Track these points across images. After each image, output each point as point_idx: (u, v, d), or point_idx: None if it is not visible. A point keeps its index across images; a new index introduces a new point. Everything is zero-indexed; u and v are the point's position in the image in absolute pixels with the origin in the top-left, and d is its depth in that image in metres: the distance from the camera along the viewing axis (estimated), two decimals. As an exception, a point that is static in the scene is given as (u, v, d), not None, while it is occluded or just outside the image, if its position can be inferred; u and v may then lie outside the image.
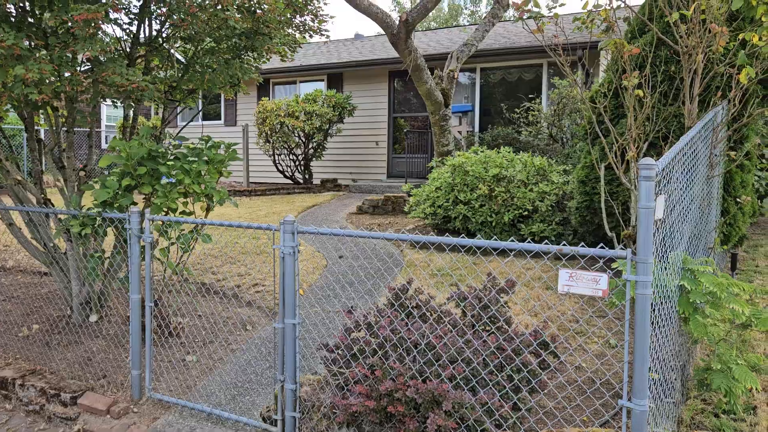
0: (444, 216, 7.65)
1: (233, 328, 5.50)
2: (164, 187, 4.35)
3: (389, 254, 7.53)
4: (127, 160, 4.37)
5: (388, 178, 14.62)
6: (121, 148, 4.35)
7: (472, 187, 7.32)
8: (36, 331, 5.44)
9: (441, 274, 6.51)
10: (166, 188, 4.35)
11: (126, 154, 4.35)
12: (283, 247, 3.56)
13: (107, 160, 4.46)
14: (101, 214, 4.36)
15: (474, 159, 7.47)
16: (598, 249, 2.72)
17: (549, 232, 6.84)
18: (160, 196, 4.37)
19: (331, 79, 15.46)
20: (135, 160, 4.38)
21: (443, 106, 8.29)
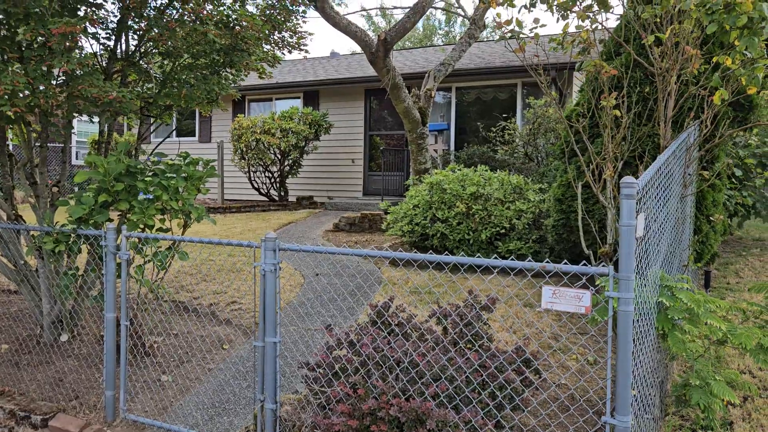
0: (422, 234, 7.68)
1: (210, 347, 5.41)
2: (141, 204, 4.28)
3: (368, 272, 7.51)
4: (104, 175, 4.30)
5: (364, 195, 14.64)
6: (99, 163, 4.28)
7: (450, 204, 7.37)
8: (5, 351, 5.27)
9: (421, 291, 6.52)
10: (143, 204, 4.29)
11: (104, 169, 4.28)
12: (264, 264, 3.53)
13: (83, 175, 4.38)
14: (76, 230, 4.27)
15: (451, 177, 7.53)
16: (581, 266, 2.76)
17: (526, 250, 6.90)
18: (137, 212, 4.30)
19: (307, 96, 15.49)
20: (112, 176, 4.31)
21: (421, 125, 8.35)
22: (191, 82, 5.38)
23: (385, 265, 7.75)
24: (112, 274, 4.11)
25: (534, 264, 2.85)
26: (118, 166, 4.30)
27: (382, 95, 14.68)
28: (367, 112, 14.79)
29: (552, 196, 6.47)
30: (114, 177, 4.34)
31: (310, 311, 6.12)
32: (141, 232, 4.21)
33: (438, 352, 3.28)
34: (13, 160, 5.84)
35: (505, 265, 2.92)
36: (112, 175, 4.31)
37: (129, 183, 4.41)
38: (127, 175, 4.45)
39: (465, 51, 9.96)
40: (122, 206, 4.41)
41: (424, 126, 8.44)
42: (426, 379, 3.17)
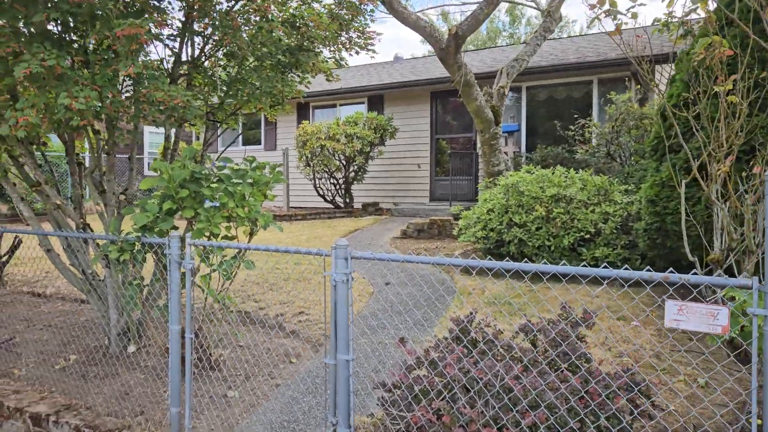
0: (497, 240, 7.24)
1: (277, 360, 5.18)
2: (207, 211, 4.09)
3: (439, 281, 7.14)
4: (168, 182, 4.14)
5: (431, 201, 14.27)
6: (163, 169, 4.13)
7: (528, 208, 6.91)
8: (73, 362, 5.22)
9: (498, 302, 6.09)
10: (209, 212, 4.09)
11: (168, 175, 4.12)
12: (336, 274, 3.23)
13: (148, 182, 4.24)
14: (140, 239, 4.13)
15: (529, 178, 7.06)
16: (716, 277, 2.30)
17: (614, 257, 6.35)
18: (202, 220, 4.11)
19: (371, 101, 15.30)
20: (177, 183, 4.14)
21: (493, 124, 7.93)
22: (256, 83, 5.19)
23: (457, 273, 7.35)
24: (177, 284, 3.93)
25: (655, 274, 2.42)
26: (182, 172, 4.12)
27: (448, 97, 14.30)
28: (433, 115, 14.44)
29: (643, 197, 5.91)
30: (179, 183, 4.17)
31: (382, 323, 5.81)
32: (206, 241, 4.02)
33: (534, 374, 2.88)
34: (83, 168, 5.83)
35: (615, 275, 2.50)
36: (177, 182, 4.14)
37: (194, 189, 4.24)
38: (192, 181, 4.27)
39: (540, 45, 9.46)
40: (187, 214, 4.23)
41: (497, 126, 8.02)
42: (522, 406, 2.78)
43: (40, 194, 5.32)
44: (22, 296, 8.17)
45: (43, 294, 8.12)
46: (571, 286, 6.41)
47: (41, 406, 4.35)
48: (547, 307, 5.75)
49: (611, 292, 6.37)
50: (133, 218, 4.06)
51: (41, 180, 5.19)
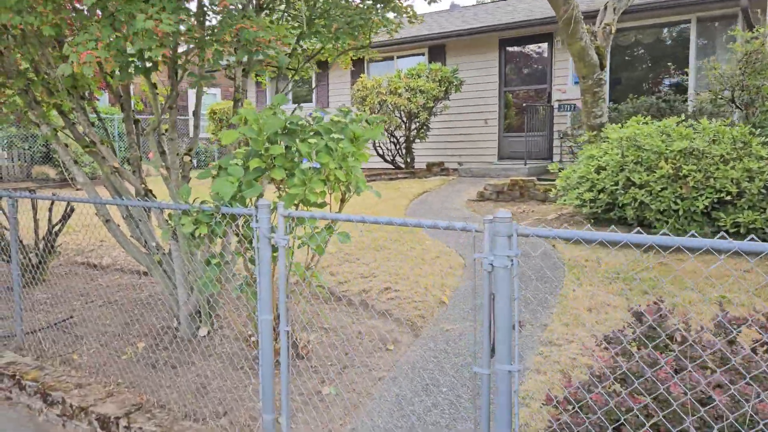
0: (607, 203, 6.31)
1: (372, 348, 4.47)
2: (304, 173, 3.33)
3: (542, 252, 6.28)
4: (258, 134, 3.38)
5: (499, 159, 13.30)
6: (251, 118, 3.37)
7: (648, 165, 5.94)
8: (142, 350, 4.62)
9: (620, 278, 5.22)
10: (305, 174, 3.33)
11: (257, 126, 3.36)
12: (493, 257, 2.43)
13: (232, 135, 3.49)
14: (219, 209, 3.40)
15: (647, 130, 6.08)
16: None
17: (761, 223, 5.37)
18: (296, 184, 3.36)
19: (432, 52, 14.25)
20: (267, 135, 3.38)
21: (598, 69, 6.91)
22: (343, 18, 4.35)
23: (560, 241, 6.47)
24: (268, 264, 3.20)
25: None
26: (275, 122, 3.36)
27: (519, 44, 13.15)
28: (502, 66, 13.33)
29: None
30: (268, 137, 3.41)
31: (486, 302, 5.02)
32: (301, 211, 3.25)
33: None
34: (139, 126, 5.16)
35: None
36: (267, 134, 3.38)
37: (287, 144, 3.48)
38: (285, 134, 3.51)
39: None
40: (277, 175, 3.48)
41: (601, 70, 7.00)
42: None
43: (94, 156, 4.67)
44: (77, 267, 7.70)
45: (99, 265, 7.62)
46: (709, 258, 5.47)
47: (108, 405, 3.75)
48: (687, 284, 4.86)
49: (750, 264, 5.42)
50: (216, 186, 3.32)
51: (95, 139, 4.52)
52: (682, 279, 5.04)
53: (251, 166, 3.40)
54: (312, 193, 3.42)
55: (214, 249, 3.91)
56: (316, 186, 3.37)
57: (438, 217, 8.38)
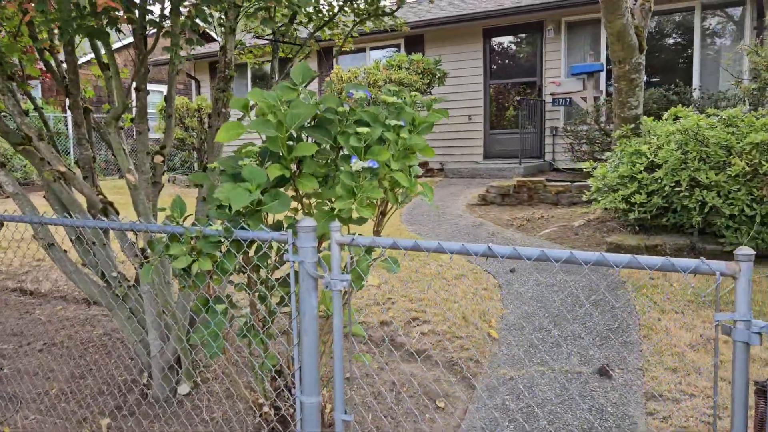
0: (660, 207, 5.43)
1: (417, 408, 3.40)
2: (353, 178, 2.25)
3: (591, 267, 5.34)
4: (277, 128, 2.29)
5: (485, 159, 12.40)
6: (265, 105, 2.27)
7: (716, 162, 5.09)
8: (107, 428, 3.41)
9: (707, 299, 4.33)
10: (355, 179, 2.25)
11: (275, 117, 2.27)
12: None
13: (233, 130, 2.38)
14: (231, 232, 2.27)
15: (708, 122, 5.22)
16: None
17: None
18: (341, 195, 2.27)
19: (408, 42, 13.25)
20: (293, 127, 2.29)
21: (637, 52, 6.05)
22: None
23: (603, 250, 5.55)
24: (314, 319, 2.11)
25: None
26: (304, 110, 2.28)
27: (505, 34, 12.30)
28: (487, 58, 12.45)
29: None
30: (295, 129, 2.32)
31: (549, 338, 4.02)
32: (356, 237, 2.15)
33: None
34: (90, 117, 3.96)
35: None
36: (294, 125, 2.28)
37: (321, 139, 2.39)
38: (313, 127, 2.43)
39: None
40: (306, 186, 2.38)
41: (641, 53, 6.15)
42: None
43: (29, 157, 3.45)
44: (8, 295, 6.34)
45: (36, 292, 6.29)
46: (802, 274, 4.64)
47: None
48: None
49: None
50: (225, 196, 2.20)
51: (32, 134, 3.30)
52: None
53: (271, 175, 2.29)
54: (366, 206, 2.34)
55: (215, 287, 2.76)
56: (371, 194, 2.28)
57: (442, 225, 7.38)
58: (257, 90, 2.34)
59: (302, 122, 2.33)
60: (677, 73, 10.25)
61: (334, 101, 2.35)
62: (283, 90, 2.31)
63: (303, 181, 2.42)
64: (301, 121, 2.32)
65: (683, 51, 10.30)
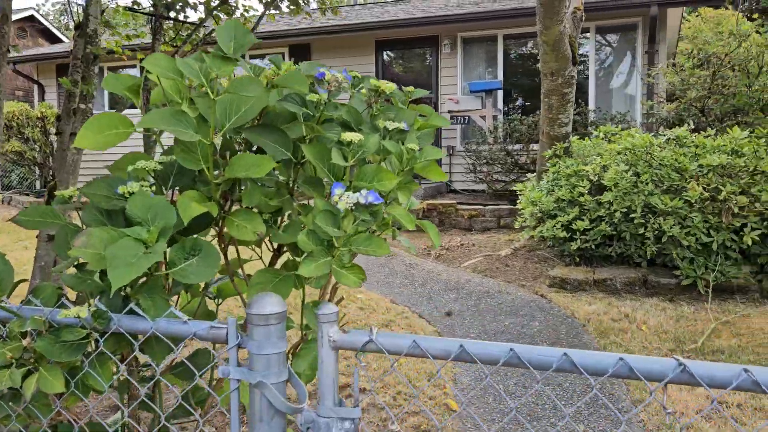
0: (607, 235, 4.88)
1: None
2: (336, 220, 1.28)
3: (532, 306, 4.64)
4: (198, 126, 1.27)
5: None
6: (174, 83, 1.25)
7: (668, 185, 4.62)
8: None
9: (683, 343, 3.76)
10: (340, 222, 1.28)
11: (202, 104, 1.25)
12: None
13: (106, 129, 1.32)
14: (108, 320, 1.19)
15: (658, 142, 4.76)
16: None
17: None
18: (316, 255, 1.30)
19: (295, 50, 12.27)
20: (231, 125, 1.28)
21: (570, 64, 5.53)
22: None
23: (550, 291, 4.92)
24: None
25: None
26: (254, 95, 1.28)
27: (400, 47, 11.73)
28: (379, 70, 11.77)
29: None
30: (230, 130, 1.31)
31: (524, 407, 3.21)
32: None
33: None
34: None
35: None
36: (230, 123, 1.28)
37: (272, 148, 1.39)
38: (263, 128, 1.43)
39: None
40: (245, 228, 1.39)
41: (574, 66, 5.63)
42: None
43: None
44: None
45: None
46: None
47: None
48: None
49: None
50: (95, 254, 1.13)
51: None
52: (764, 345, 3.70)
53: (186, 213, 1.26)
54: (351, 267, 1.37)
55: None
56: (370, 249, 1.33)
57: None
58: (159, 56, 1.30)
59: (245, 118, 1.32)
60: (576, 94, 10.16)
61: (299, 80, 1.36)
62: (214, 60, 1.29)
63: (240, 222, 1.40)
64: (243, 116, 1.31)
65: (580, 73, 10.24)
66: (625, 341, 3.88)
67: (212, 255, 1.31)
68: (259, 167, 1.32)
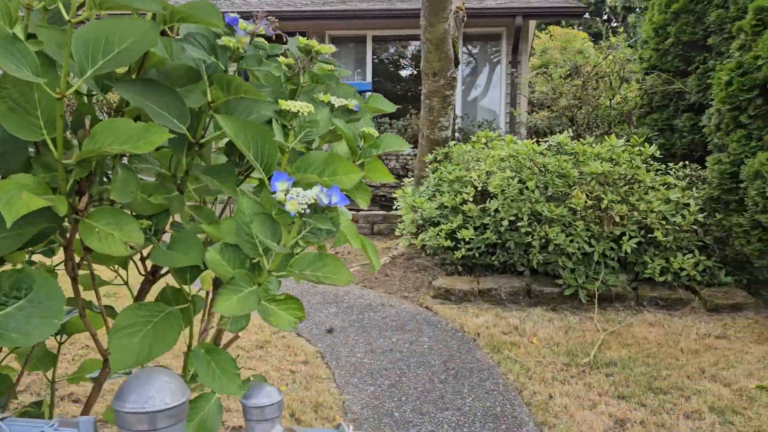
0: (492, 243, 4.75)
1: None
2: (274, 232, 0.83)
3: (417, 319, 4.36)
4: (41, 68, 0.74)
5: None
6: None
7: (553, 192, 4.57)
8: None
9: (574, 357, 3.66)
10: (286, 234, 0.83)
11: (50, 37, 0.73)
12: None
13: None
14: None
15: (537, 149, 4.71)
16: None
17: (690, 268, 4.41)
18: (235, 281, 0.83)
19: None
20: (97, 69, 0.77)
21: (452, 65, 5.32)
22: None
23: (435, 303, 4.67)
24: None
25: None
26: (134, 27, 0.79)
27: (263, 42, 11.11)
28: (239, 65, 11.07)
29: (751, 171, 4.09)
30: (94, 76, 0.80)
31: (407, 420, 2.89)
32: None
33: None
34: None
35: None
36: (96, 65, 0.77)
37: (159, 114, 0.89)
38: (147, 84, 0.92)
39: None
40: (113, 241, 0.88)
41: (456, 67, 5.44)
42: None
43: None
44: None
45: None
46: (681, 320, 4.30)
47: None
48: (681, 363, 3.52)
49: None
50: None
51: None
52: (656, 355, 3.70)
53: (6, 204, 0.75)
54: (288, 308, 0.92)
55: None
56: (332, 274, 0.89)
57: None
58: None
59: (118, 63, 0.82)
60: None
61: (209, 11, 0.89)
62: None
63: (103, 228, 0.90)
64: (116, 59, 0.82)
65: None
66: (519, 356, 3.71)
67: (53, 297, 0.80)
68: (144, 138, 0.83)
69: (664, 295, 4.51)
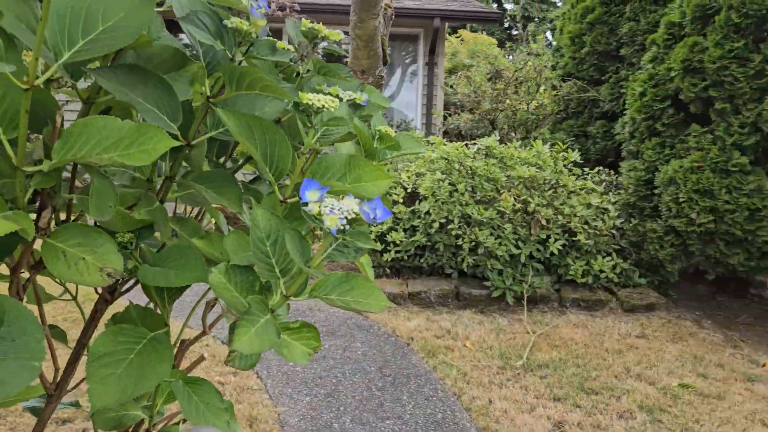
0: (421, 246, 4.72)
1: None
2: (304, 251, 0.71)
3: (352, 324, 4.25)
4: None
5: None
6: None
7: (482, 196, 4.59)
8: None
9: (529, 367, 3.69)
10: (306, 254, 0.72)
11: None
12: None
13: None
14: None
15: (465, 151, 4.72)
16: None
17: (609, 270, 4.57)
18: (251, 313, 0.70)
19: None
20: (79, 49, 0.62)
21: (381, 63, 5.25)
22: None
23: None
24: None
25: None
26: None
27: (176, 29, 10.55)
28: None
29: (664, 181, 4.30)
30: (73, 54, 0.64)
31: None
32: None
33: None
34: None
35: None
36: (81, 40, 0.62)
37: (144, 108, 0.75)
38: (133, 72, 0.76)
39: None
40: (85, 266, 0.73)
41: (384, 65, 5.36)
42: None
43: None
44: None
45: None
46: (594, 322, 4.41)
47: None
48: (609, 364, 3.63)
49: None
50: None
51: None
52: (584, 356, 3.79)
53: None
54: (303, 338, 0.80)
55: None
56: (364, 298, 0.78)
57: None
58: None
59: (103, 45, 0.67)
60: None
61: None
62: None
63: (73, 250, 0.74)
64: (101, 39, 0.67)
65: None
66: (455, 360, 3.69)
67: (30, 331, 0.64)
68: (138, 144, 0.67)
69: (585, 296, 4.66)
